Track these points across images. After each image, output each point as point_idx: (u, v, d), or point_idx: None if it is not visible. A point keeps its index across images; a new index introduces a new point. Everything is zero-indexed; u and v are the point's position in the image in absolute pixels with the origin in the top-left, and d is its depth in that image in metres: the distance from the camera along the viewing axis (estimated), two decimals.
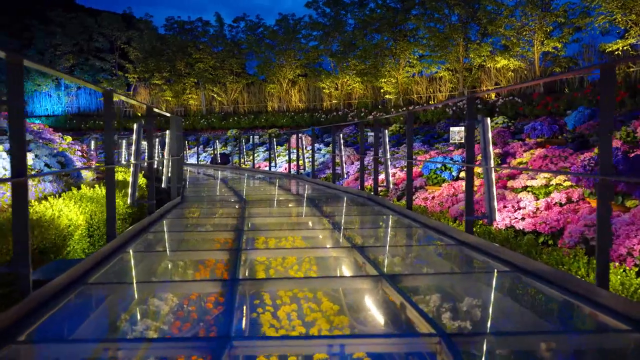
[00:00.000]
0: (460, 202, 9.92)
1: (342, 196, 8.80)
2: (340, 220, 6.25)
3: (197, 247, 4.75)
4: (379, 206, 7.27)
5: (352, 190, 9.24)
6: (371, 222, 6.21)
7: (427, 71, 26.22)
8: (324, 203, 7.91)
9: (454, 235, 4.74)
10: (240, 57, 31.94)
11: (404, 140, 19.53)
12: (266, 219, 6.35)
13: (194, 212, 7.10)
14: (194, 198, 8.67)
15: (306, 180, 12.21)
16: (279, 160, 18.33)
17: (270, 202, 8.13)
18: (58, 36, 33.19)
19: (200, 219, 6.39)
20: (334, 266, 4.21)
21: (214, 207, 7.69)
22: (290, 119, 28.63)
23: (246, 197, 8.56)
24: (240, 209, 7.09)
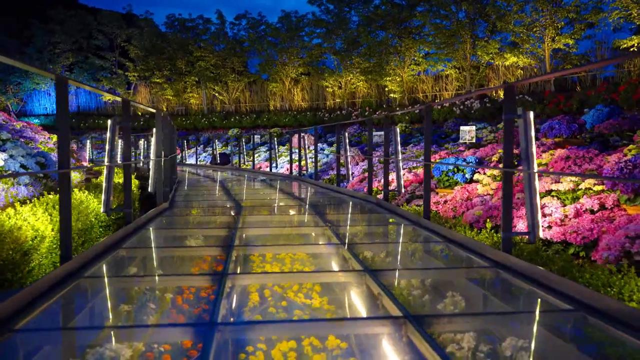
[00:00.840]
0: (476, 207, 9.04)
1: (348, 201, 7.93)
2: (347, 232, 5.38)
3: (175, 270, 3.88)
4: (390, 214, 6.39)
5: (359, 195, 8.36)
6: (383, 235, 5.34)
7: (432, 69, 25.33)
8: (329, 210, 7.04)
9: (488, 255, 3.86)
10: (242, 55, 31.06)
11: (411, 139, 18.63)
12: (262, 230, 5.48)
13: (180, 221, 6.23)
14: (184, 203, 7.81)
15: (309, 182, 11.34)
16: (280, 161, 17.46)
17: (268, 208, 7.25)
18: (57, 34, 32.37)
19: (186, 230, 5.52)
20: (344, 299, 3.34)
21: (205, 214, 6.82)
22: (292, 118, 27.75)
23: (242, 203, 7.69)
24: (235, 216, 6.23)
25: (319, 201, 8.11)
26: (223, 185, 11.10)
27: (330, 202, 7.93)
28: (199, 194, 9.35)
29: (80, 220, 6.09)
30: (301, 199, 8.51)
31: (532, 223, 3.68)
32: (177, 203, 7.53)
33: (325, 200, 8.22)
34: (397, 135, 7.02)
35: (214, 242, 4.82)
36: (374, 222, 6.11)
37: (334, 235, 4.93)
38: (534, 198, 3.68)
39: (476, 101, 21.23)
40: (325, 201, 8.07)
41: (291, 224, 5.96)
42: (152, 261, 4.19)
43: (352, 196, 8.43)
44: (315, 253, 4.40)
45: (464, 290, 3.45)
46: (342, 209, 7.18)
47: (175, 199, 8.06)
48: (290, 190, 10.16)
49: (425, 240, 4.85)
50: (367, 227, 5.79)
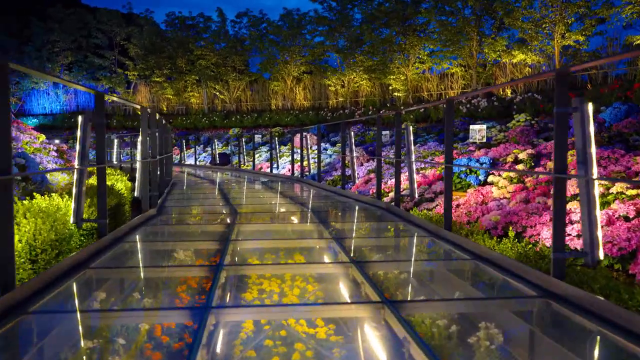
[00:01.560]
0: (492, 211, 8.29)
1: (354, 206, 7.18)
2: (356, 246, 4.63)
3: (148, 299, 3.13)
4: (402, 221, 5.65)
5: (366, 199, 7.61)
6: (399, 251, 4.59)
7: (438, 67, 24.54)
8: (334, 218, 6.30)
9: (532, 279, 3.11)
10: (243, 53, 30.30)
11: (417, 139, 17.87)
12: (258, 243, 4.73)
13: (165, 231, 5.49)
14: (174, 209, 7.06)
15: (311, 184, 10.59)
16: (281, 161, 16.72)
17: (267, 215, 6.50)
18: (56, 33, 31.64)
19: (170, 244, 4.77)
20: (358, 340, 2.59)
21: (196, 223, 6.07)
22: (294, 118, 27.00)
23: (239, 209, 6.94)
24: (229, 225, 5.48)
25: (323, 207, 7.37)
26: (220, 187, 10.34)
27: (335, 208, 7.19)
28: (193, 198, 8.61)
29: (55, 230, 5.36)
30: (303, 204, 7.75)
31: (591, 241, 2.93)
32: (166, 209, 6.79)
33: (330, 205, 7.48)
34: (410, 134, 6.27)
35: (201, 260, 4.08)
36: (386, 232, 5.37)
37: (341, 250, 4.19)
38: (592, 210, 2.94)
39: (483, 100, 20.46)
40: (330, 206, 7.33)
41: (292, 235, 5.22)
42: (121, 288, 3.45)
43: (358, 200, 7.68)
44: (321, 275, 3.66)
45: (511, 328, 2.70)
46: (348, 216, 6.44)
47: (165, 204, 7.32)
48: (292, 194, 9.41)
49: (449, 256, 4.10)
50: (379, 239, 5.04)
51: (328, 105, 28.04)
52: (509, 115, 19.31)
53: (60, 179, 9.47)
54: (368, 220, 6.14)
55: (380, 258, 4.07)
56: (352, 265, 3.68)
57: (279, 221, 6.08)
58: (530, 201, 8.17)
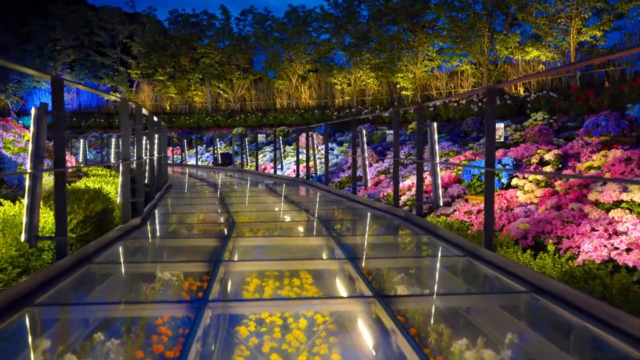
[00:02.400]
0: (519, 218, 7.38)
1: (368, 215, 6.27)
2: (378, 272, 3.73)
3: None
4: (427, 235, 4.74)
5: (381, 206, 6.69)
6: (433, 279, 3.68)
7: (447, 65, 23.58)
8: (347, 230, 5.40)
9: (635, 334, 2.20)
10: (248, 52, 29.38)
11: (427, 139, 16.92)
12: (256, 266, 3.83)
13: (145, 248, 4.60)
14: (163, 217, 6.17)
15: (318, 187, 9.69)
16: (286, 162, 15.81)
17: (267, 226, 5.57)
18: (58, 30, 30.81)
19: (147, 267, 3.86)
20: None
21: (184, 236, 5.16)
22: (299, 117, 26.10)
23: (237, 217, 6.03)
24: (223, 240, 4.58)
25: (333, 215, 6.47)
26: (218, 191, 9.43)
27: (347, 216, 6.29)
28: (187, 204, 7.71)
29: (18, 244, 4.48)
30: (310, 211, 6.83)
31: None
32: (152, 218, 5.89)
33: (341, 213, 6.57)
34: (435, 132, 5.36)
35: (183, 293, 3.18)
36: (411, 250, 4.47)
37: (359, 277, 3.29)
38: None
39: (495, 98, 19.51)
40: (341, 215, 6.42)
41: (297, 254, 4.31)
42: (68, 332, 2.56)
43: (372, 207, 6.76)
44: (337, 316, 2.75)
45: None
46: (363, 228, 5.54)
47: (154, 211, 6.42)
48: (297, 199, 8.49)
49: (499, 287, 3.19)
50: (404, 260, 4.12)
51: (334, 104, 27.13)
52: (522, 113, 18.38)
53: (46, 181, 8.61)
54: (387, 234, 5.24)
55: (411, 290, 3.16)
56: (376, 302, 2.77)
57: (283, 234, 5.16)
58: (563, 207, 7.26)
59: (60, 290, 3.00)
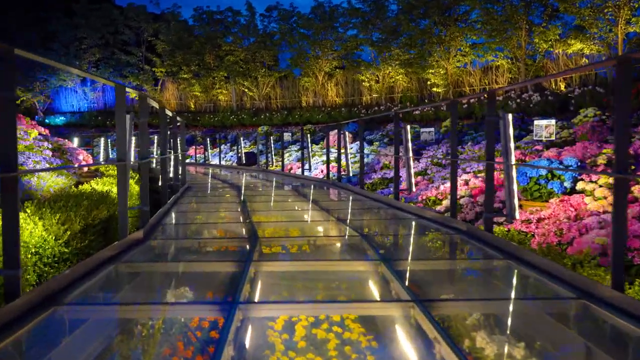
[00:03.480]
0: (593, 230, 6.13)
1: (421, 228, 5.09)
2: (456, 321, 2.56)
3: None
4: (508, 261, 3.55)
5: (431, 215, 5.49)
6: (538, 333, 2.50)
7: (481, 60, 22.18)
8: (398, 251, 4.24)
9: None
10: (273, 48, 28.34)
11: (462, 137, 15.63)
12: (284, 309, 2.68)
13: (139, 277, 3.50)
14: (171, 231, 5.07)
15: (351, 190, 8.53)
16: (313, 161, 14.67)
17: (298, 244, 4.37)
18: (82, 29, 30.25)
19: (135, 311, 2.75)
20: None
21: (193, 259, 4.03)
22: (326, 115, 24.97)
23: (260, 229, 4.92)
24: (242, 265, 3.47)
25: (377, 228, 5.32)
26: (241, 195, 8.31)
27: (395, 230, 5.14)
28: (204, 211, 6.63)
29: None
30: (348, 223, 5.65)
31: None
32: (159, 231, 4.81)
33: (385, 225, 5.42)
34: (510, 126, 4.18)
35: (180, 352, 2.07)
36: (496, 287, 3.30)
37: (438, 335, 2.14)
38: None
39: (535, 94, 18.09)
40: (386, 228, 5.27)
41: (338, 290, 3.15)
42: None
43: (421, 216, 5.58)
44: None
45: None
46: (420, 249, 4.37)
47: (164, 219, 5.35)
48: (330, 205, 7.32)
49: None
50: (491, 304, 2.92)
51: (361, 102, 25.91)
52: (565, 110, 16.94)
53: (51, 182, 7.64)
54: (453, 257, 4.08)
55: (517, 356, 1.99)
56: None
57: (317, 255, 4.03)
58: None
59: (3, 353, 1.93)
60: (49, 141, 9.30)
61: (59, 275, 2.96)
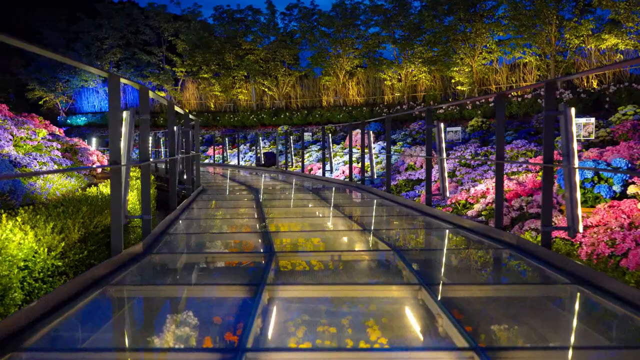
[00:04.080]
0: None
1: (463, 242, 4.39)
2: None
3: None
4: (577, 286, 2.85)
5: (470, 224, 4.79)
6: None
7: (508, 57, 21.23)
8: (441, 271, 3.55)
9: None
10: (293, 47, 27.72)
11: (491, 137, 14.80)
12: (308, 356, 2.05)
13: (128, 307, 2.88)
14: (176, 244, 4.45)
15: (377, 194, 7.84)
16: (334, 162, 13.99)
17: (321, 261, 3.70)
18: (105, 29, 30.08)
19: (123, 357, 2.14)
20: None
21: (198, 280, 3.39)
22: (347, 115, 24.28)
23: (278, 242, 4.28)
24: (253, 291, 2.84)
25: (412, 241, 4.63)
26: (258, 199, 7.66)
27: (433, 244, 4.45)
28: (216, 217, 6.01)
29: None
30: (377, 234, 4.93)
31: None
32: (163, 243, 4.19)
33: (422, 237, 4.73)
34: (572, 123, 3.48)
35: None
36: (577, 324, 2.60)
37: None
38: None
39: (567, 92, 17.16)
40: (423, 240, 4.58)
41: (372, 326, 2.48)
42: None
43: (459, 226, 4.87)
44: None
45: None
46: (467, 268, 3.68)
47: (170, 228, 4.75)
48: (355, 212, 6.63)
49: None
50: (581, 355, 2.24)
51: (383, 101, 25.14)
52: (598, 108, 16.01)
53: (59, 185, 7.13)
54: (507, 279, 3.39)
55: None
56: None
57: (342, 275, 3.37)
58: None
59: None
60: (58, 141, 8.82)
61: (26, 307, 2.36)
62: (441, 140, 5.68)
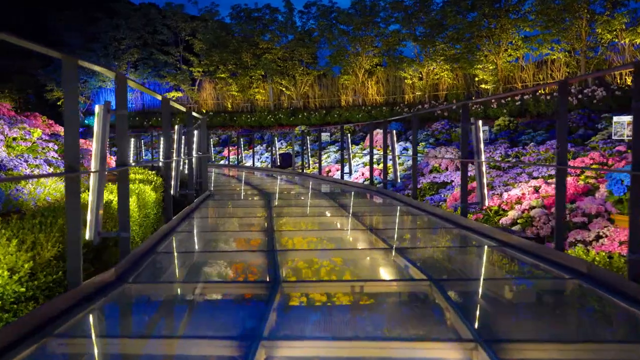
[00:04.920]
0: None
1: (516, 267, 3.49)
2: None
3: None
4: None
5: (518, 241, 3.88)
6: None
7: (535, 54, 20.11)
8: (506, 320, 2.66)
9: None
10: (312, 46, 26.88)
11: (519, 137, 13.78)
12: None
13: None
14: (161, 270, 3.61)
15: (402, 201, 6.96)
16: (353, 163, 13.08)
17: (339, 299, 2.80)
18: (122, 29, 29.64)
19: None
20: None
21: (181, 318, 2.58)
22: (366, 114, 23.37)
23: (286, 265, 3.44)
24: (246, 346, 2.00)
25: (453, 269, 3.72)
26: (269, 206, 6.79)
27: (481, 271, 3.56)
28: (218, 229, 5.17)
29: None
30: (408, 255, 3.99)
31: None
32: (147, 266, 3.38)
33: (462, 261, 3.82)
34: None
35: None
36: None
37: None
38: None
39: (599, 89, 16.04)
40: (467, 267, 3.67)
41: None
42: None
43: (505, 243, 3.97)
44: None
45: None
46: (532, 310, 2.79)
47: (160, 247, 3.95)
48: (379, 223, 5.69)
49: None
50: None
51: (404, 100, 24.17)
52: None
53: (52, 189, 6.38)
54: (599, 335, 2.49)
55: None
56: None
57: (367, 322, 2.51)
58: None
59: None
60: (56, 141, 8.11)
61: None
62: (479, 141, 4.80)
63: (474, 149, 4.96)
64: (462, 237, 4.47)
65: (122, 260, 3.09)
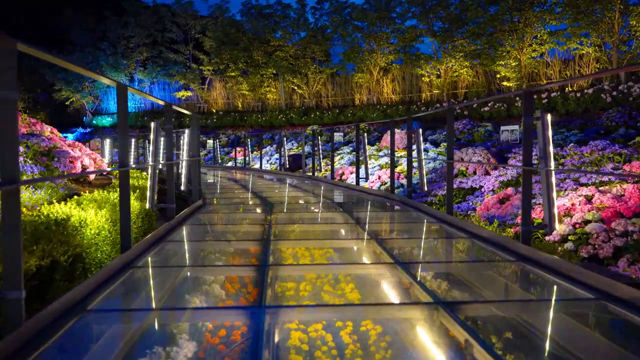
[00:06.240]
0: None
1: (611, 333, 2.19)
2: None
3: None
4: None
5: (634, 297, 2.58)
6: None
7: (562, 48, 18.64)
8: None
9: None
10: (324, 43, 25.58)
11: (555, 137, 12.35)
12: None
13: None
14: (110, 319, 2.36)
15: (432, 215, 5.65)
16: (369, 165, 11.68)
17: None
18: (131, 27, 28.63)
19: None
20: None
21: None
22: (381, 113, 22.06)
23: (284, 317, 2.19)
24: None
25: (548, 348, 2.44)
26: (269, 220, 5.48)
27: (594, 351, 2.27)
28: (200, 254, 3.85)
29: None
30: (459, 311, 2.58)
31: None
32: (79, 319, 2.14)
33: (556, 333, 2.50)
34: None
35: None
36: None
37: None
38: None
39: (636, 85, 14.58)
40: (567, 346, 2.36)
41: None
42: None
43: (613, 298, 2.67)
44: None
45: None
46: None
47: (118, 278, 2.70)
48: (409, 253, 4.18)
49: None
50: None
51: (420, 99, 22.80)
52: None
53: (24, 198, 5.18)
54: None
55: None
56: None
57: None
58: None
59: None
60: (27, 142, 6.93)
61: None
62: (547, 142, 3.50)
63: (540, 153, 3.67)
64: (530, 278, 3.17)
65: (50, 315, 1.86)
